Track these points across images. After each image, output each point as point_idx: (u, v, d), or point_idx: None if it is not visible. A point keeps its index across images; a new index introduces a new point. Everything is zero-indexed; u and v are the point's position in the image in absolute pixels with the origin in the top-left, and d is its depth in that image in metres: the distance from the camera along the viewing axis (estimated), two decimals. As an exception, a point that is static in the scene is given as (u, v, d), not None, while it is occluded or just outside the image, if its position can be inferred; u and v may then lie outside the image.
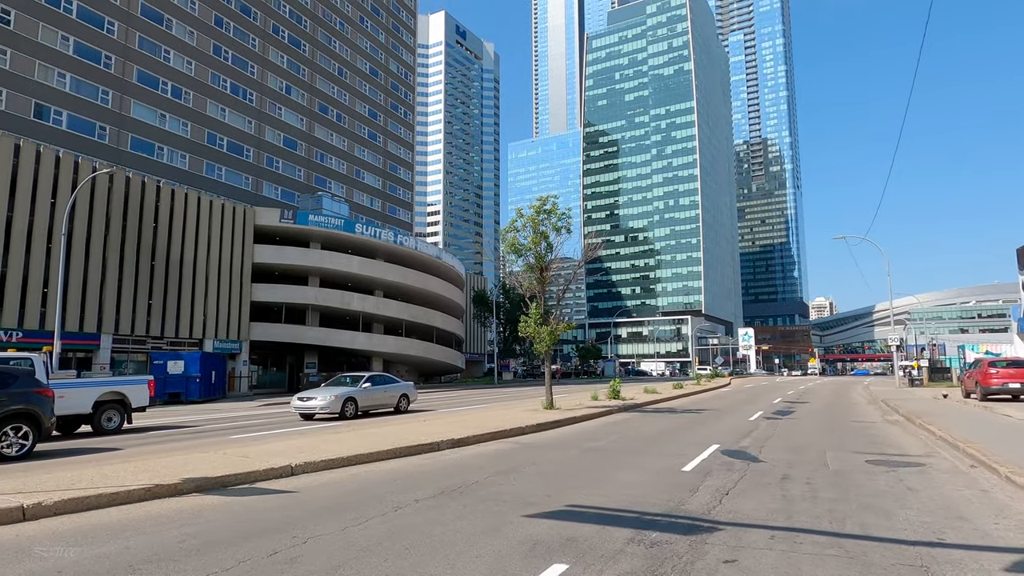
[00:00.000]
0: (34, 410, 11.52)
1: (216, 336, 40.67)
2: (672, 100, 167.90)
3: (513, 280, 20.13)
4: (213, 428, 17.09)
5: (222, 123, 53.18)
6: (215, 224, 41.27)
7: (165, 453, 11.60)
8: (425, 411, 22.28)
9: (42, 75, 40.69)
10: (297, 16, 62.44)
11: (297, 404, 18.85)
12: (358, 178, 69.16)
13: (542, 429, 14.71)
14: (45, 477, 7.89)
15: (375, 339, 47.87)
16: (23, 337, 30.62)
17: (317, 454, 9.66)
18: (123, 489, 6.99)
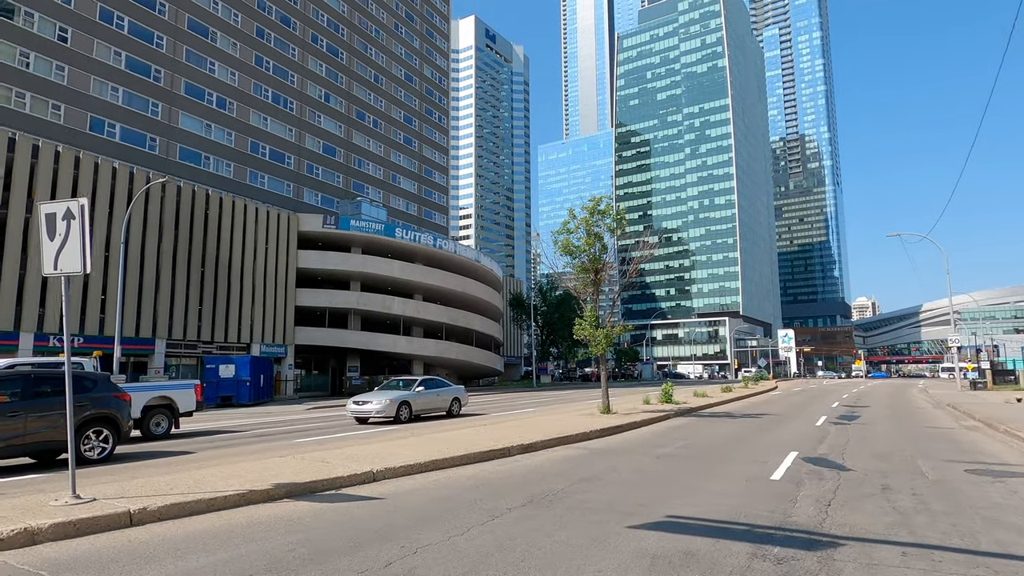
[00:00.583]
0: (113, 414, 11.77)
1: (263, 340, 41.41)
2: (706, 98, 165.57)
3: (565, 282, 19.87)
4: (273, 432, 17.29)
5: (264, 132, 54.23)
6: (261, 231, 42.06)
7: (238, 457, 11.73)
8: (476, 415, 22.22)
9: (97, 89, 42.04)
10: (335, 25, 63.37)
11: (352, 408, 18.97)
12: (394, 183, 69.81)
13: (606, 434, 14.49)
14: (139, 482, 8.00)
15: (416, 343, 48.18)
16: (84, 342, 31.56)
17: (394, 459, 9.62)
18: (219, 495, 7.02)
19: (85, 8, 41.91)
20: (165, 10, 47.00)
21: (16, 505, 6.53)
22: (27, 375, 11.02)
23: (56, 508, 6.30)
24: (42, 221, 6.59)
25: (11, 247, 29.46)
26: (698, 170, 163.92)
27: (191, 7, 48.95)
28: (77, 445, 11.11)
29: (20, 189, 29.97)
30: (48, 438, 10.76)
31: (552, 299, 67.12)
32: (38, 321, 30.28)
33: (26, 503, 6.65)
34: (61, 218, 6.46)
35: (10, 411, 10.35)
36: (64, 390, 11.49)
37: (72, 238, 6.41)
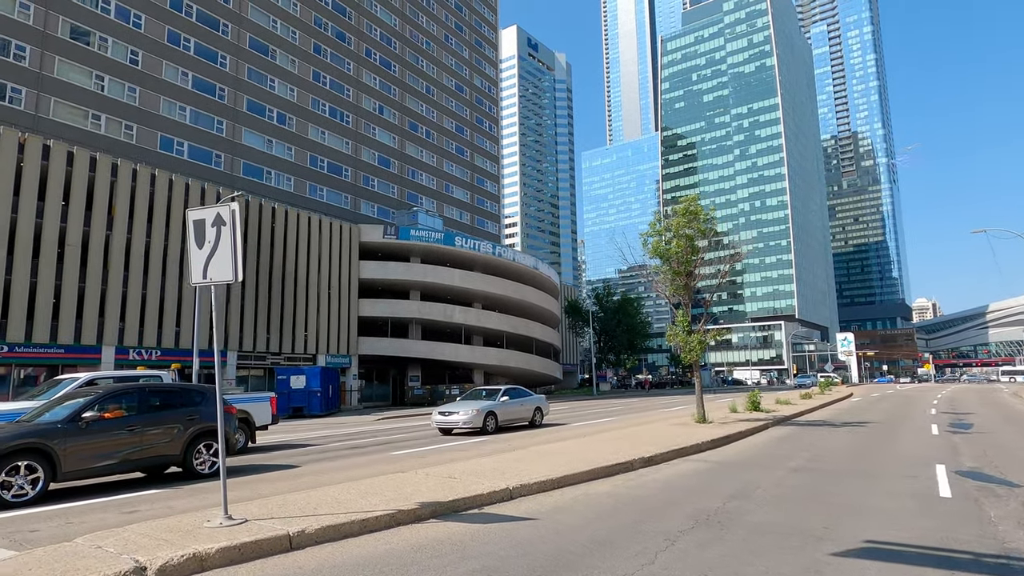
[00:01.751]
0: (224, 428, 11.60)
1: (328, 351, 41.79)
2: (754, 98, 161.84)
3: (656, 288, 19.12)
4: (361, 444, 17.02)
5: (322, 145, 55.14)
6: (324, 243, 42.57)
7: (346, 471, 11.41)
8: (557, 425, 21.60)
9: (166, 109, 43.42)
10: (387, 38, 64.19)
11: (438, 419, 18.60)
12: (447, 192, 70.10)
13: (717, 445, 13.69)
14: (275, 500, 7.66)
15: (477, 351, 47.93)
16: (161, 355, 32.36)
17: (523, 475, 9.09)
18: (369, 515, 6.60)
19: (154, 31, 43.40)
20: (228, 30, 48.34)
21: (169, 527, 6.24)
22: (142, 388, 10.96)
23: (214, 531, 5.96)
24: (190, 228, 6.33)
25: (93, 264, 30.40)
26: (748, 171, 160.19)
27: (252, 26, 50.24)
28: (189, 459, 11.01)
29: (101, 207, 30.96)
30: (163, 452, 10.63)
31: (609, 305, 66.07)
32: (119, 335, 31.14)
33: (178, 524, 6.35)
34: (211, 224, 6.18)
35: (127, 425, 10.24)
36: (176, 403, 11.43)
37: (223, 245, 6.11)
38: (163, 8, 44.10)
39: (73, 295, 29.41)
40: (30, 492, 8.95)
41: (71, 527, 7.31)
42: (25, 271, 27.85)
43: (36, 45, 37.09)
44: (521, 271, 52.25)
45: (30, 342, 27.87)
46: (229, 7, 48.72)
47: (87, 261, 30.16)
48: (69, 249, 29.41)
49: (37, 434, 9.22)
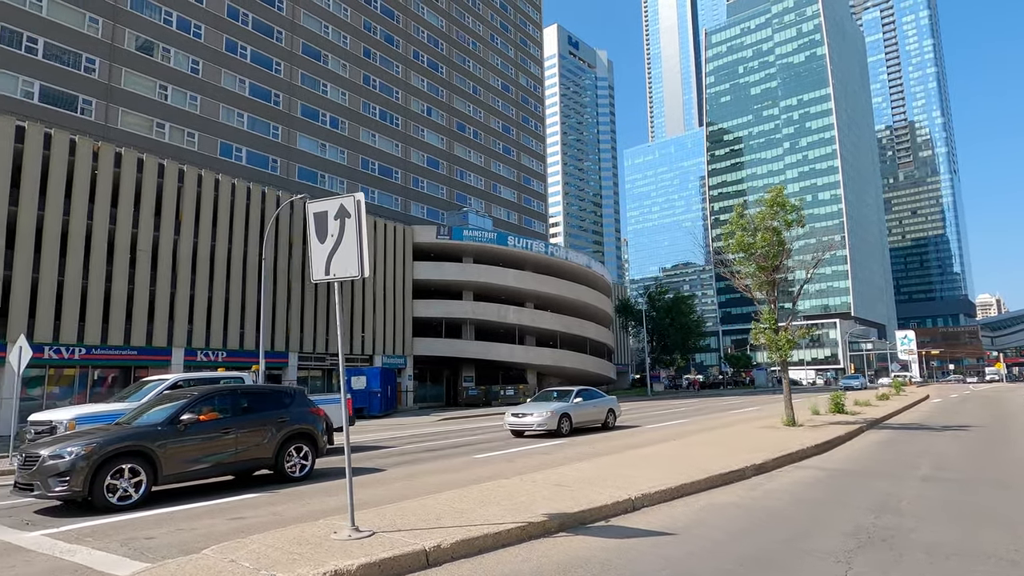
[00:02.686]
0: (311, 429, 11.41)
1: (384, 352, 41.97)
2: (804, 89, 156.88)
3: (739, 284, 18.23)
4: (436, 445, 16.71)
5: (373, 148, 55.58)
6: (379, 244, 42.78)
7: (435, 476, 11.05)
8: (630, 427, 20.92)
9: (225, 116, 44.36)
10: (434, 40, 64.38)
11: (511, 420, 18.17)
12: (495, 192, 69.91)
13: (822, 451, 12.85)
14: (390, 510, 7.28)
15: (532, 351, 47.49)
16: (227, 357, 32.94)
17: (639, 484, 8.52)
18: (501, 528, 6.15)
19: (213, 40, 44.39)
20: (282, 37, 49.14)
21: (295, 538, 5.90)
22: (234, 390, 10.82)
23: (346, 544, 5.59)
24: (310, 222, 5.99)
25: (163, 268, 31.12)
26: (798, 165, 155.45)
27: (305, 32, 50.98)
28: (281, 462, 10.82)
29: (169, 213, 31.68)
30: (256, 455, 10.46)
31: (662, 304, 64.73)
32: (187, 337, 31.81)
33: (303, 535, 6.02)
34: (333, 217, 5.82)
35: (223, 427, 10.11)
36: (267, 405, 11.26)
37: (347, 238, 5.75)
38: (221, 17, 45.09)
39: (145, 299, 30.17)
40: (133, 495, 8.86)
41: (184, 534, 7.09)
42: (100, 276, 28.67)
43: (105, 58, 38.31)
44: (574, 270, 51.56)
45: (106, 344, 28.69)
46: (283, 14, 49.54)
47: (157, 265, 30.90)
48: (140, 254, 30.17)
49: (138, 436, 9.13)
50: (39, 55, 35.55)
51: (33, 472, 8.52)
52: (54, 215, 27.39)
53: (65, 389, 28.49)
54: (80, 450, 8.51)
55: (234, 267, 34.05)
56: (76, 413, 11.69)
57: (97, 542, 6.85)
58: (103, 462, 8.60)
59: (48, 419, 11.65)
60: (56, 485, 8.37)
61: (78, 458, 8.45)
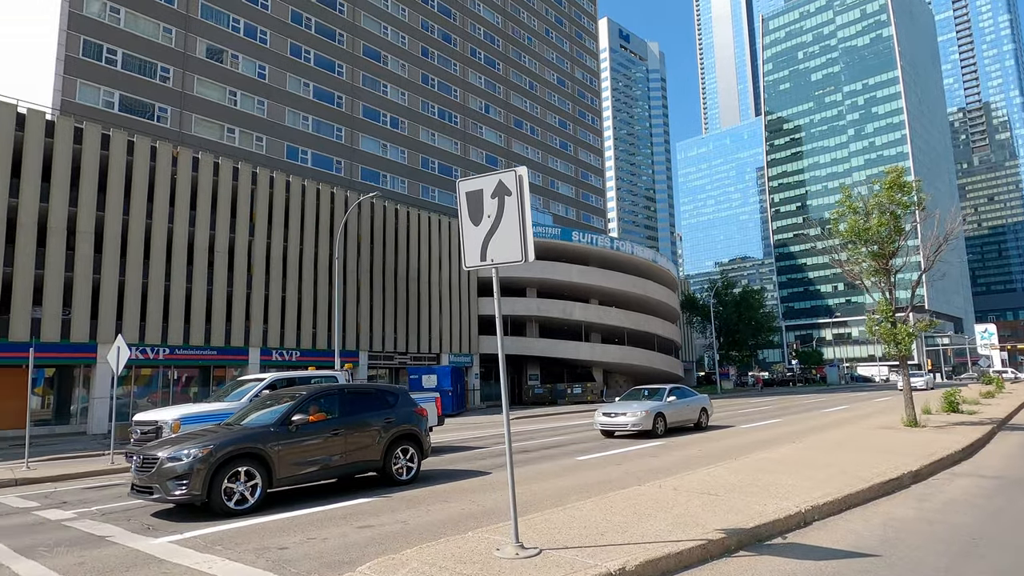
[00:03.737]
0: (416, 430, 10.92)
1: (451, 350, 41.76)
2: (870, 73, 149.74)
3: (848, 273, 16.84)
4: (528, 447, 16.06)
5: (433, 147, 55.61)
6: (443, 242, 42.62)
7: (548, 480, 10.37)
8: (723, 427, 19.80)
9: (291, 120, 45.06)
10: (491, 37, 64.02)
11: (602, 420, 17.36)
12: (553, 188, 69.08)
13: (967, 455, 11.58)
14: (538, 520, 6.61)
15: (599, 349, 46.48)
16: (300, 356, 33.27)
17: (789, 492, 7.62)
18: (681, 547, 5.39)
19: (278, 46, 45.13)
20: (344, 39, 49.62)
21: (455, 555, 5.30)
22: (341, 390, 10.41)
23: (517, 565, 4.94)
24: (462, 202, 5.37)
25: (239, 270, 31.64)
26: (864, 152, 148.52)
27: (365, 34, 51.36)
28: (388, 464, 10.36)
29: (243, 214, 32.17)
30: (365, 457, 10.02)
31: (729, 298, 62.50)
32: (263, 337, 32.26)
33: (463, 552, 5.41)
34: (490, 195, 5.19)
35: (332, 428, 9.69)
36: (373, 405, 10.82)
37: (507, 218, 5.10)
38: (285, 23, 45.80)
39: (223, 300, 30.72)
40: (250, 499, 8.50)
41: (317, 544, 6.61)
42: (181, 277, 29.32)
43: (178, 66, 39.38)
44: (639, 265, 50.20)
45: (188, 344, 29.33)
46: (344, 17, 50.02)
47: (233, 266, 31.43)
48: (218, 255, 30.74)
49: (252, 438, 8.77)
50: (118, 66, 36.79)
51: (152, 474, 8.26)
52: (138, 219, 28.13)
53: (142, 388, 29.20)
54: (198, 452, 8.20)
55: (306, 267, 34.38)
56: (180, 413, 11.55)
57: (228, 551, 6.45)
58: (220, 465, 8.28)
59: (153, 419, 11.55)
60: (175, 488, 8.08)
61: (195, 460, 8.14)
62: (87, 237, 26.50)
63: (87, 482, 12.87)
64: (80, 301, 26.22)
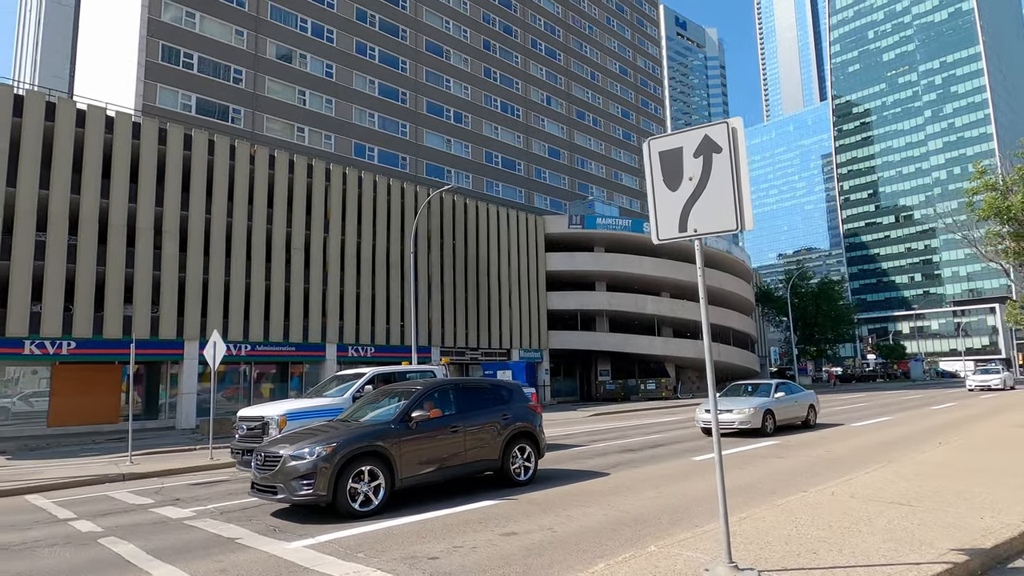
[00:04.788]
0: (532, 428, 10.24)
1: (520, 346, 41.18)
2: (948, 50, 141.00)
3: (983, 255, 15.24)
4: (625, 444, 15.20)
5: (496, 141, 55.14)
6: (512, 236, 42.05)
7: (672, 482, 9.50)
8: (832, 425, 18.38)
9: (357, 117, 45.38)
10: (551, 27, 63.05)
11: (704, 417, 16.31)
12: (616, 180, 67.63)
13: None
14: (743, 529, 5.78)
15: (672, 343, 44.98)
16: (375, 352, 33.34)
17: (997, 504, 6.50)
18: (920, 568, 4.44)
19: (344, 44, 45.49)
20: (407, 35, 49.66)
21: (663, 572, 4.52)
22: (456, 385, 9.81)
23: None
24: (654, 165, 4.58)
25: (315, 268, 31.87)
26: (943, 135, 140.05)
27: (428, 29, 51.28)
28: (507, 464, 9.70)
29: (318, 212, 32.40)
30: (483, 456, 9.39)
31: (806, 290, 59.61)
32: (339, 333, 32.44)
33: (664, 572, 4.62)
34: (692, 154, 4.37)
35: (451, 426, 9.10)
36: (488, 402, 10.18)
37: (717, 180, 4.28)
38: (351, 21, 46.13)
39: (300, 296, 31.01)
40: (374, 501, 7.98)
41: (468, 554, 5.97)
42: (260, 274, 29.72)
43: (250, 68, 40.14)
44: (713, 255, 48.27)
45: (268, 341, 29.72)
46: (407, 13, 50.05)
47: (309, 263, 31.69)
48: (294, 252, 31.04)
49: (373, 436, 8.25)
50: (194, 69, 37.74)
51: (275, 473, 7.84)
52: (219, 217, 28.63)
53: (218, 385, 29.60)
54: (322, 450, 7.73)
55: (378, 263, 34.42)
56: (286, 409, 11.23)
57: (375, 559, 5.89)
58: (344, 463, 7.79)
59: (259, 415, 11.27)
60: (300, 488, 7.63)
61: (319, 459, 7.67)
62: (172, 236, 27.11)
63: (191, 477, 12.79)
64: (167, 299, 26.86)
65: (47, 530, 8.05)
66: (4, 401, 24.94)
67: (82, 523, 8.40)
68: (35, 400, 25.75)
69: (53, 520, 8.77)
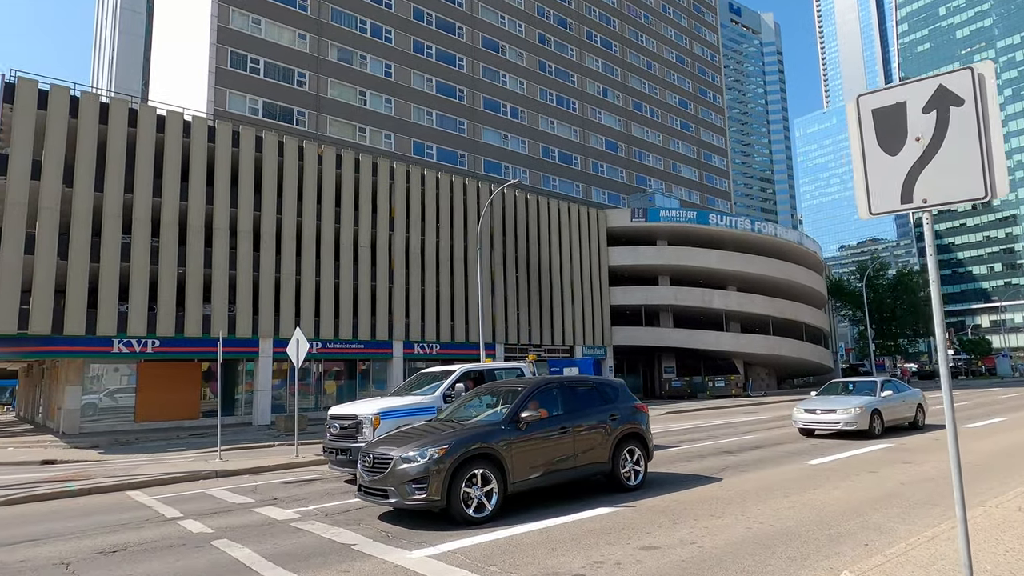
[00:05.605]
0: (641, 429, 9.64)
1: (584, 342, 40.48)
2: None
3: None
4: (722, 446, 14.38)
5: (552, 135, 54.45)
6: (574, 230, 41.38)
7: (797, 491, 8.71)
8: (940, 427, 17.02)
9: (416, 116, 45.49)
10: (606, 18, 61.88)
11: (805, 417, 15.31)
12: (675, 172, 65.90)
13: None
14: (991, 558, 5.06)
15: (742, 339, 43.36)
16: (440, 349, 33.29)
17: None
18: None
19: (402, 43, 45.65)
20: (463, 32, 49.50)
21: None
22: (561, 383, 9.27)
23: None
24: (865, 126, 3.90)
25: (381, 266, 32.03)
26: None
27: (484, 25, 51.01)
28: (617, 467, 9.12)
29: (383, 210, 32.51)
30: (593, 460, 8.84)
31: (882, 283, 56.60)
32: (405, 330, 32.51)
33: None
34: (920, 109, 3.68)
35: (560, 426, 8.58)
36: (594, 401, 9.62)
37: (955, 138, 3.58)
38: (408, 20, 46.26)
39: (367, 294, 31.20)
40: (487, 507, 7.55)
41: (611, 570, 5.43)
42: (330, 273, 30.04)
43: (312, 70, 40.70)
44: (783, 247, 46.28)
45: (337, 339, 30.01)
46: (463, 10, 49.89)
47: (376, 261, 31.85)
48: (361, 251, 31.23)
49: (484, 437, 7.80)
50: (260, 74, 38.49)
51: (386, 476, 7.49)
52: (289, 217, 29.03)
53: (281, 382, 29.87)
54: (435, 452, 7.34)
55: (442, 259, 34.35)
56: (379, 407, 10.96)
57: (511, 574, 5.41)
58: (458, 467, 7.38)
59: (353, 413, 11.04)
60: (413, 492, 7.26)
61: (432, 461, 7.29)
62: (246, 236, 27.62)
63: (281, 475, 12.73)
64: (243, 298, 27.38)
65: (159, 530, 7.96)
66: (92, 397, 25.91)
67: (190, 523, 8.30)
68: (119, 396, 26.68)
69: (161, 519, 8.71)
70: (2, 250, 22.03)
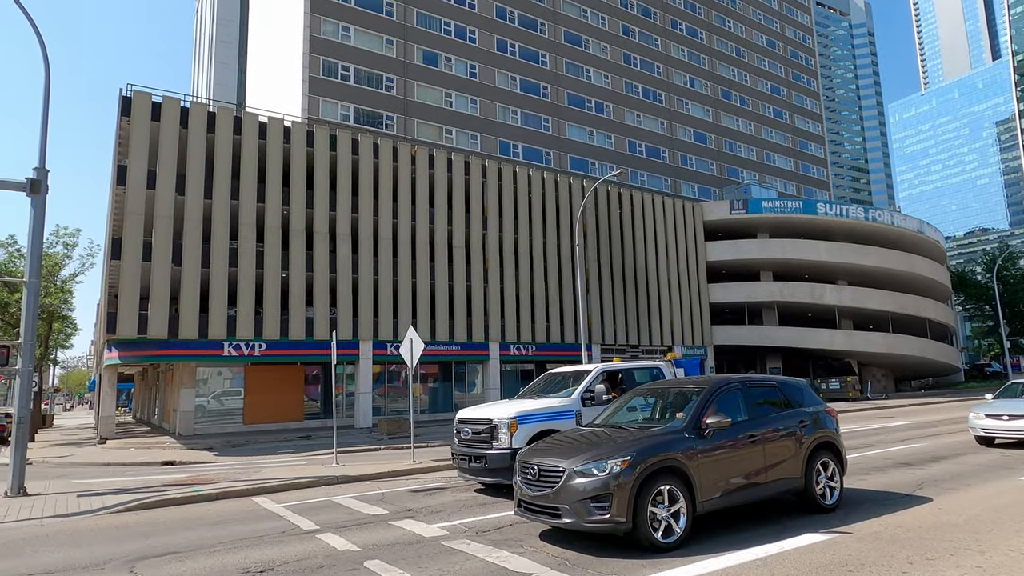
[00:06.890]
0: (834, 437, 8.21)
1: (683, 342, 38.51)
2: None
3: None
4: (881, 457, 12.57)
5: (638, 129, 52.61)
6: (669, 225, 39.56)
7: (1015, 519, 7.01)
8: None
9: (501, 115, 44.91)
10: (691, 5, 59.39)
11: (987, 424, 13.23)
12: (768, 162, 62.34)
13: None
14: None
15: (857, 337, 39.98)
16: (536, 350, 32.36)
17: None
18: None
19: (485, 43, 45.23)
20: (545, 28, 48.59)
21: None
22: (742, 383, 7.94)
23: None
24: None
25: (475, 266, 31.48)
26: None
27: (565, 20, 49.92)
28: (811, 484, 7.71)
29: (476, 209, 31.94)
30: (785, 474, 7.48)
31: (1014, 277, 51.09)
32: (500, 331, 31.80)
33: None
34: None
35: (748, 434, 7.28)
36: (780, 403, 8.27)
37: None
38: (491, 19, 45.81)
39: (463, 295, 30.72)
40: (676, 530, 6.37)
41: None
42: (425, 274, 29.76)
43: (400, 75, 40.88)
44: (901, 236, 42.37)
45: (434, 340, 29.63)
46: (544, 5, 48.99)
47: (470, 261, 31.33)
48: (456, 251, 30.80)
49: (668, 446, 6.63)
50: (351, 81, 38.96)
51: (557, 492, 6.44)
52: (385, 218, 28.95)
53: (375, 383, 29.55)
54: (615, 465, 6.23)
55: (536, 259, 33.46)
56: (516, 411, 10.00)
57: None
58: (643, 482, 6.24)
59: (487, 417, 10.13)
60: (594, 512, 6.17)
61: (612, 476, 6.18)
62: (345, 239, 27.69)
63: (403, 482, 12.04)
64: (343, 300, 27.43)
65: (302, 545, 7.28)
66: (202, 400, 26.59)
67: (330, 537, 7.58)
68: (225, 398, 27.28)
69: (298, 531, 8.07)
70: (123, 258, 22.84)
